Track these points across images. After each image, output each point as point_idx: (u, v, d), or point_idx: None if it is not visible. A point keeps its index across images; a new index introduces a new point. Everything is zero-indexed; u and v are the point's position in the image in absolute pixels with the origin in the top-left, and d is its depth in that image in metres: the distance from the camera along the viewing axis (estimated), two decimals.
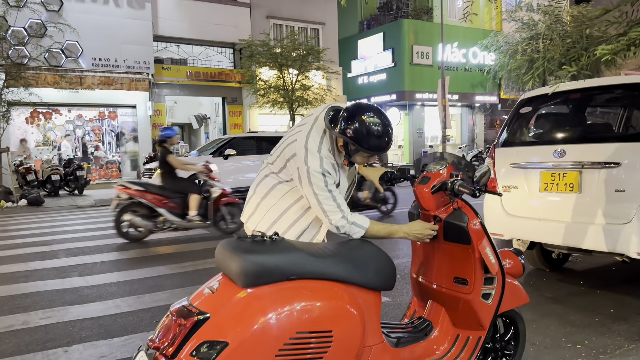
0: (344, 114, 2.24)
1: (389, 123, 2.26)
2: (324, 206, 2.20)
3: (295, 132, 2.33)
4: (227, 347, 1.75)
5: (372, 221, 2.25)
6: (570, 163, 4.01)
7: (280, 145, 2.36)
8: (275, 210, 2.34)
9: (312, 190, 2.19)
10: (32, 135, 16.62)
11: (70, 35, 14.78)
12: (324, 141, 2.25)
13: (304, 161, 2.20)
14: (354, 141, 2.20)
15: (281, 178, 2.35)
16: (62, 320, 3.98)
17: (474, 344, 2.36)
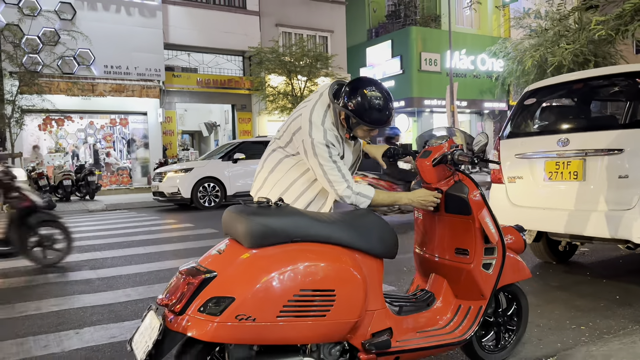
0: (346, 88, 2.31)
1: (390, 98, 2.33)
2: (330, 177, 2.27)
3: (302, 107, 2.41)
4: (234, 302, 1.81)
5: (376, 190, 2.31)
6: (574, 151, 4.04)
7: (287, 120, 2.44)
8: (282, 183, 2.42)
9: (317, 162, 2.27)
10: (44, 141, 16.86)
11: (82, 43, 15.06)
12: (327, 115, 2.33)
13: (308, 134, 2.28)
14: (355, 114, 2.27)
15: (287, 152, 2.43)
16: (73, 307, 4.06)
17: (475, 313, 2.41)
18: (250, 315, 1.81)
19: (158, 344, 1.84)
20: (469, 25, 24.42)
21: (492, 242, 2.37)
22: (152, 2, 16.89)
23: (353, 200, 2.28)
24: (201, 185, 11.64)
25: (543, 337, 3.12)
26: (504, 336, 2.73)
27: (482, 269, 2.40)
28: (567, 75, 4.42)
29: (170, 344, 1.88)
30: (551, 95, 4.66)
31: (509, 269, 2.56)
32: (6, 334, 3.45)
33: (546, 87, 4.57)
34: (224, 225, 2.11)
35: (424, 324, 2.39)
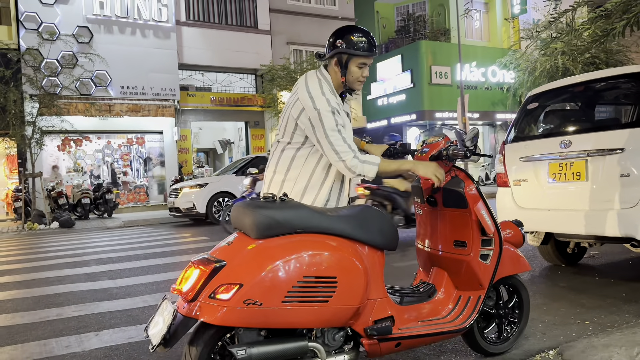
0: (329, 39, 2.46)
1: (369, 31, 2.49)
2: (337, 147, 2.31)
3: (293, 95, 2.47)
4: (242, 288, 1.94)
5: (381, 158, 2.37)
6: (576, 152, 4.13)
7: (282, 117, 2.50)
8: (302, 178, 2.43)
9: (324, 133, 2.30)
10: (63, 162, 17.26)
11: (99, 65, 15.50)
12: (323, 84, 2.41)
13: (313, 108, 2.33)
14: (346, 47, 2.38)
15: (297, 145, 2.44)
16: (93, 312, 4.22)
17: (474, 302, 2.51)
18: (257, 300, 1.94)
19: (172, 328, 1.97)
20: (479, 38, 24.57)
21: (488, 233, 2.48)
22: (167, 24, 17.34)
23: (360, 170, 2.32)
24: (216, 200, 11.84)
25: (547, 331, 3.19)
26: (506, 328, 2.81)
27: (480, 259, 2.50)
28: (569, 79, 4.52)
29: (183, 330, 2.01)
30: (554, 99, 4.76)
31: (507, 260, 2.66)
32: (29, 337, 3.61)
33: (549, 91, 4.67)
34: (232, 220, 2.25)
35: (425, 314, 2.49)
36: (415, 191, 2.75)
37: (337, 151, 2.31)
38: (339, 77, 2.44)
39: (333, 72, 2.46)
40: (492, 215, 2.51)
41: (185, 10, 18.25)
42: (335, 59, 2.43)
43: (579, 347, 2.74)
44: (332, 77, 2.46)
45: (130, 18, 16.80)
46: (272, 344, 2.02)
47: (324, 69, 2.48)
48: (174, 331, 1.99)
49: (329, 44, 2.44)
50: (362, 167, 2.31)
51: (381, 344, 2.22)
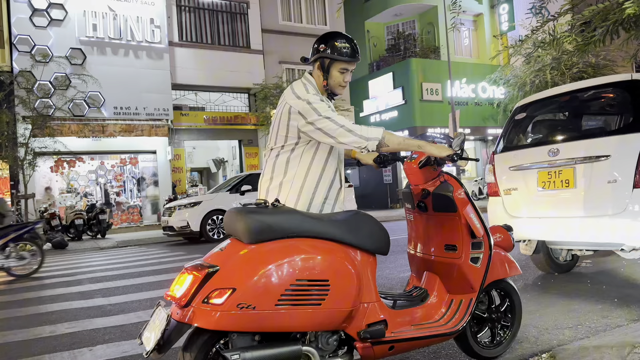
0: (314, 45, 2.52)
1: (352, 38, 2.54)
2: (336, 120, 2.32)
3: (281, 104, 2.51)
4: (235, 292, 1.96)
5: (386, 132, 2.35)
6: (564, 160, 4.20)
7: (273, 126, 2.52)
8: (299, 177, 2.43)
9: (319, 115, 2.32)
10: (56, 183, 17.22)
11: (92, 86, 15.57)
12: (309, 88, 2.48)
13: (303, 102, 2.36)
14: (330, 52, 2.44)
15: (290, 146, 2.44)
16: (86, 329, 4.20)
17: (466, 305, 2.53)
18: (250, 304, 1.96)
19: (166, 334, 1.98)
20: (468, 55, 24.91)
21: (477, 236, 2.52)
22: (160, 45, 17.49)
23: (363, 133, 2.31)
24: (210, 218, 11.83)
25: (540, 336, 3.21)
26: (499, 332, 2.84)
27: (470, 262, 2.54)
28: (555, 89, 4.61)
29: (177, 335, 2.03)
30: (541, 109, 4.85)
31: (498, 264, 2.69)
32: (22, 353, 3.59)
33: (536, 101, 4.76)
34: (225, 226, 2.27)
35: (418, 318, 2.51)
36: (405, 197, 2.79)
37: (337, 123, 2.32)
38: (321, 80, 2.51)
39: (316, 75, 2.54)
40: (481, 218, 2.55)
41: (178, 31, 18.43)
42: (318, 63, 2.50)
43: (571, 350, 2.76)
44: (316, 80, 2.54)
45: (123, 39, 16.93)
46: (265, 349, 2.04)
47: (308, 75, 2.56)
48: (167, 337, 2.00)
49: (314, 49, 2.52)
50: (367, 130, 2.32)
51: (374, 347, 2.23)
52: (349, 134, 2.31)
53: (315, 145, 2.45)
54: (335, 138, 2.33)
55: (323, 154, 2.47)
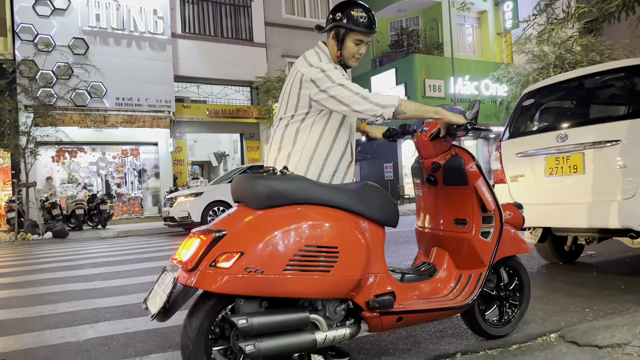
0: (329, 16, 2.45)
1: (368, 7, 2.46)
2: (351, 87, 2.25)
3: (292, 73, 2.44)
4: (243, 256, 1.92)
5: (401, 98, 2.30)
6: (573, 145, 4.15)
7: (283, 95, 2.45)
8: (308, 148, 2.36)
9: (333, 83, 2.25)
10: (57, 173, 17.18)
11: (95, 76, 15.50)
12: (321, 56, 2.41)
13: (317, 70, 2.29)
14: (345, 21, 2.36)
15: (300, 116, 2.37)
16: (87, 308, 4.16)
17: (475, 280, 2.49)
18: (258, 268, 1.92)
19: (172, 297, 1.94)
20: (472, 52, 24.83)
21: (489, 209, 2.48)
22: (162, 36, 17.43)
23: (379, 100, 2.25)
24: (211, 209, 11.78)
25: (547, 318, 3.17)
26: (507, 311, 2.79)
27: (480, 237, 2.49)
28: (564, 75, 4.57)
29: (183, 299, 1.99)
30: (549, 95, 4.80)
31: (507, 240, 2.65)
32: (23, 329, 3.55)
33: (544, 87, 4.72)
34: (232, 193, 2.23)
35: (426, 292, 2.47)
36: (414, 172, 2.75)
37: (351, 90, 2.24)
38: (335, 50, 2.44)
39: (330, 45, 2.46)
40: (493, 192, 2.51)
41: (181, 22, 18.37)
42: (333, 32, 2.42)
43: (580, 330, 2.72)
44: (330, 50, 2.46)
45: (126, 30, 16.88)
46: (273, 315, 2.00)
47: (322, 43, 2.49)
48: (173, 300, 1.97)
49: (329, 18, 2.45)
50: (382, 97, 2.26)
51: (383, 317, 2.19)
52: (364, 102, 2.24)
53: (327, 115, 2.39)
54: (350, 106, 2.25)
55: (334, 125, 2.41)
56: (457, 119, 2.31)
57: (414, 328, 3.07)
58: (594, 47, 20.29)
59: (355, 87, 2.27)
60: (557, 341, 2.63)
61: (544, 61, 20.64)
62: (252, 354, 1.90)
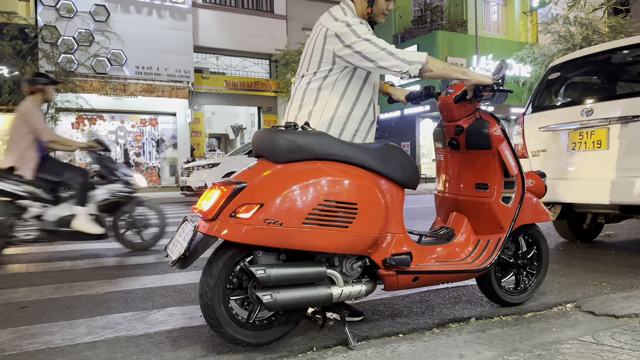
0: None
1: None
2: (377, 42, 2.20)
3: (316, 28, 2.40)
4: (262, 207, 1.93)
5: (428, 56, 2.26)
6: (597, 120, 4.06)
7: (306, 52, 2.43)
8: (329, 107, 2.34)
9: (360, 39, 2.21)
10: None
11: (115, 43, 15.54)
12: (347, 12, 2.36)
13: (342, 25, 2.25)
14: None
15: (323, 73, 2.35)
16: (105, 265, 4.24)
17: (494, 244, 2.47)
18: (277, 220, 1.93)
19: (192, 245, 1.96)
20: (496, 31, 24.34)
21: (511, 174, 2.44)
22: (183, 5, 17.36)
23: (406, 56, 2.21)
24: None
25: (563, 290, 3.15)
26: (523, 279, 2.78)
27: (501, 202, 2.47)
28: (591, 48, 4.45)
29: (202, 248, 2.01)
30: (576, 69, 4.69)
31: (528, 208, 2.62)
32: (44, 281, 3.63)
33: (571, 60, 4.60)
34: (253, 147, 2.23)
35: (444, 256, 2.46)
36: (436, 136, 2.72)
37: (377, 45, 2.20)
38: (364, 7, 2.39)
39: (358, 2, 2.40)
40: (516, 157, 2.47)
41: None
42: None
43: (597, 300, 2.70)
44: (357, 7, 2.41)
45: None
46: (290, 267, 2.01)
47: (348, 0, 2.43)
48: (193, 248, 1.99)
49: None
50: (409, 54, 2.22)
51: (399, 276, 2.19)
52: (390, 57, 2.20)
53: (350, 73, 2.35)
54: (376, 62, 2.21)
55: (358, 83, 2.38)
56: (485, 79, 2.27)
57: (428, 293, 3.08)
58: (622, 28, 19.74)
59: (382, 43, 2.23)
60: (573, 311, 2.61)
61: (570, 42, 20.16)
62: (269, 304, 1.92)
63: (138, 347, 2.21)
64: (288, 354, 2.08)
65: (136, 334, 2.38)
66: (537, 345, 2.02)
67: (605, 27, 20.12)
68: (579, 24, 20.43)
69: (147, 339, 2.31)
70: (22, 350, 2.19)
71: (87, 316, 2.71)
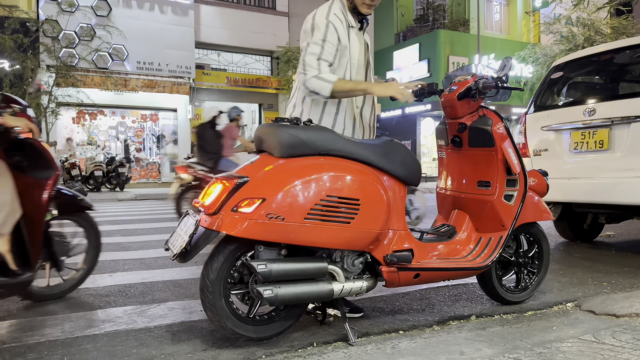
0: None
1: None
2: (306, 59, 2.28)
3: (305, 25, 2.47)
4: (264, 202, 1.92)
5: (339, 78, 2.31)
6: (600, 120, 4.05)
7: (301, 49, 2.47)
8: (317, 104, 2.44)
9: (307, 43, 2.30)
10: (77, 134, 17.36)
11: (117, 38, 15.50)
12: (333, 5, 2.37)
13: (311, 24, 2.35)
14: None
15: None
16: (106, 259, 4.22)
17: (495, 242, 2.47)
18: (279, 215, 1.92)
19: (193, 239, 1.96)
20: (498, 30, 24.30)
21: (514, 172, 2.44)
22: (185, 1, 17.31)
23: (314, 85, 2.26)
24: None
25: (564, 289, 3.15)
26: (524, 278, 2.78)
27: (503, 200, 2.46)
28: (594, 48, 4.44)
29: (204, 242, 2.00)
30: (579, 69, 4.68)
31: (530, 206, 2.62)
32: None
33: (574, 60, 4.60)
34: (256, 141, 2.22)
35: (445, 253, 2.46)
36: (439, 133, 2.71)
37: (305, 63, 2.28)
38: None
39: None
40: (519, 155, 2.46)
41: None
42: None
43: (598, 300, 2.70)
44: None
45: None
46: (292, 262, 2.01)
47: None
48: (194, 242, 1.98)
49: None
50: (317, 82, 2.25)
51: (400, 272, 2.19)
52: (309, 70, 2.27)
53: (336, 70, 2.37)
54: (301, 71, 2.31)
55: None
56: (388, 91, 2.29)
57: (428, 291, 3.07)
58: (625, 29, 19.71)
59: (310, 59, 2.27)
60: (574, 310, 2.61)
61: (572, 42, 20.13)
62: (270, 299, 1.92)
63: (138, 340, 2.21)
64: (288, 349, 2.07)
65: (136, 328, 2.38)
66: (538, 344, 2.02)
67: (608, 28, 20.09)
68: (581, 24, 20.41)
69: (147, 333, 2.30)
70: (22, 343, 2.19)
71: (88, 309, 2.71)
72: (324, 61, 2.28)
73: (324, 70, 2.26)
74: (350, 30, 2.39)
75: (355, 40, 2.42)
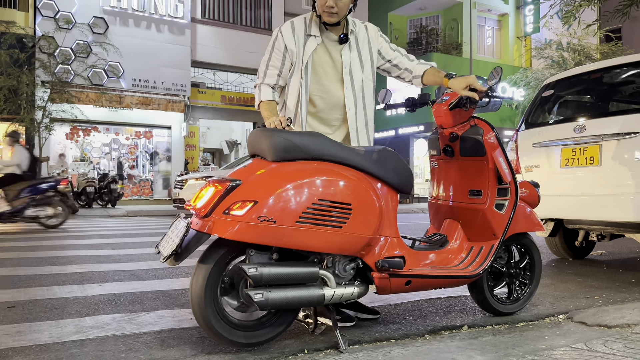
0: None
1: None
2: (260, 64, 2.54)
3: None
4: (256, 205, 1.92)
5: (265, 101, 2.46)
6: (590, 137, 4.10)
7: None
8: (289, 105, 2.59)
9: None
10: (70, 150, 17.31)
11: (113, 55, 15.61)
12: (297, 18, 2.53)
13: None
14: None
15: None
16: (96, 270, 4.19)
17: (487, 251, 2.47)
18: (271, 218, 1.92)
19: (184, 241, 1.95)
20: (490, 54, 24.67)
21: (505, 181, 2.45)
22: (182, 20, 17.50)
23: (255, 92, 2.54)
24: None
25: (556, 302, 3.14)
26: (516, 289, 2.77)
27: (494, 209, 2.47)
28: (585, 66, 4.52)
29: (195, 245, 1.98)
30: (570, 87, 4.75)
31: (521, 217, 2.63)
32: (32, 284, 3.59)
33: (565, 78, 4.67)
34: (249, 146, 2.23)
35: (437, 262, 2.46)
36: (431, 143, 2.73)
37: (259, 69, 2.55)
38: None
39: None
40: (510, 164, 2.49)
41: (201, 7, 18.43)
42: None
43: (589, 312, 2.70)
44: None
45: (146, 12, 16.97)
46: (283, 266, 2.00)
47: None
48: (185, 245, 1.97)
49: None
50: (257, 92, 2.52)
51: (391, 279, 2.18)
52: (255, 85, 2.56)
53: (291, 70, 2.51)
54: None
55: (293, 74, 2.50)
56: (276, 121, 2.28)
57: (420, 302, 3.06)
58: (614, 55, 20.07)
59: (260, 67, 2.52)
60: (565, 321, 2.61)
61: (563, 67, 20.46)
62: (260, 303, 1.90)
63: (126, 345, 2.17)
64: (279, 356, 2.05)
65: (125, 334, 2.35)
66: (530, 351, 2.01)
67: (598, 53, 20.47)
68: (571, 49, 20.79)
69: (135, 339, 2.27)
70: (8, 347, 2.15)
71: (75, 316, 2.67)
72: (272, 68, 2.47)
73: (268, 80, 2.48)
74: (309, 38, 2.44)
75: (311, 47, 2.43)
